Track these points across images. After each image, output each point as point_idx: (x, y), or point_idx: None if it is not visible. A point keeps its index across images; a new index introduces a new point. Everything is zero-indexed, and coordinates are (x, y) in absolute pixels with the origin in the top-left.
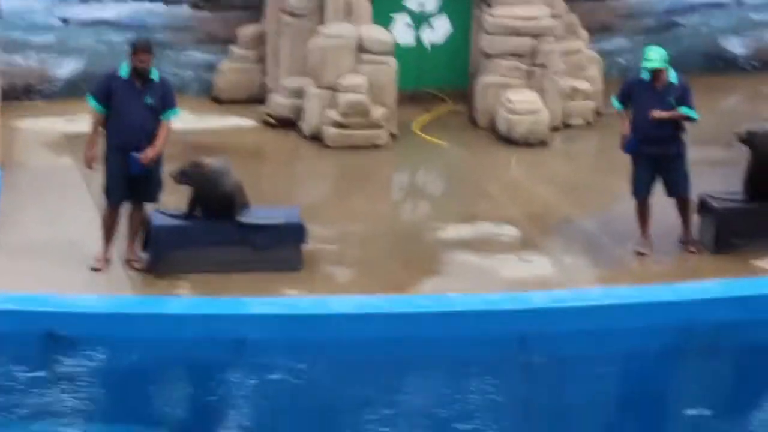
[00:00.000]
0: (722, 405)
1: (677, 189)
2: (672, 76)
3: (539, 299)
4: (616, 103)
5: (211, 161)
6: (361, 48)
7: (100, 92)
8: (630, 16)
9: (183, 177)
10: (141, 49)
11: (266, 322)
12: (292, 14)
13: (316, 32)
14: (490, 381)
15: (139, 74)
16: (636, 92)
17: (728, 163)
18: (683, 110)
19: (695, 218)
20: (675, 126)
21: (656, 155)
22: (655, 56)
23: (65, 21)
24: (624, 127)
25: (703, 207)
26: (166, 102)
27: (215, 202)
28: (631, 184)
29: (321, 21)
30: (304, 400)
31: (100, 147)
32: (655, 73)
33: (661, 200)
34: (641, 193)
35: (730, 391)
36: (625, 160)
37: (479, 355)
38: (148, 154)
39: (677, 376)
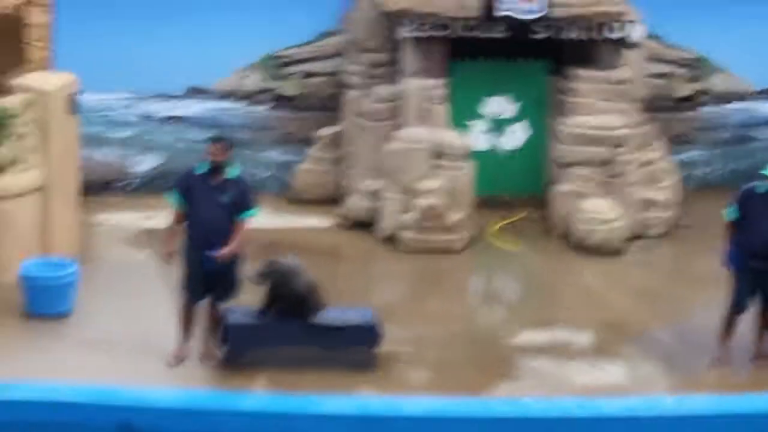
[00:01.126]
0: None
1: None
2: None
3: (610, 407)
4: (731, 210)
5: (284, 260)
6: (439, 153)
7: (179, 188)
8: (706, 128)
9: (260, 278)
10: (213, 140)
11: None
12: (370, 117)
13: (392, 136)
14: None
15: (214, 170)
16: (750, 205)
17: None
18: None
19: None
20: None
21: (761, 270)
22: None
23: (145, 117)
24: (726, 241)
25: None
26: (243, 201)
27: (288, 300)
28: (733, 298)
29: (397, 125)
30: None
31: (178, 242)
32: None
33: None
34: (743, 307)
35: None
36: (701, 271)
37: None
38: (222, 252)
39: None
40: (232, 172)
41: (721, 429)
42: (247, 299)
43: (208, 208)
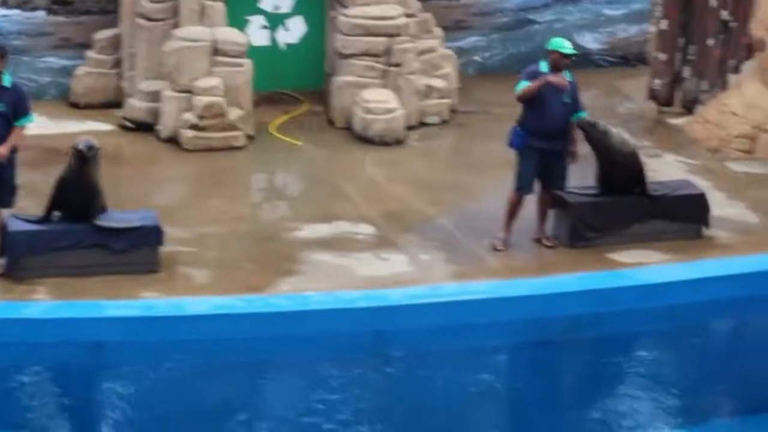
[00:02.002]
0: (577, 399)
1: (558, 184)
2: (567, 73)
3: (396, 296)
4: (523, 83)
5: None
6: (216, 50)
7: None
8: (484, 13)
9: (90, 150)
10: None
11: (123, 325)
12: (147, 18)
13: (170, 36)
14: (346, 378)
15: None
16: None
17: (584, 157)
18: (581, 115)
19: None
20: (567, 124)
21: (545, 150)
22: (569, 44)
23: None
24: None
25: (558, 202)
26: (19, 108)
27: (81, 192)
28: (517, 179)
29: (175, 24)
30: (163, 404)
31: None
32: (557, 65)
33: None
34: (527, 188)
35: (583, 384)
36: (482, 157)
37: (335, 353)
38: None
39: (532, 371)
40: (6, 79)
41: (501, 312)
42: (30, 207)
43: None
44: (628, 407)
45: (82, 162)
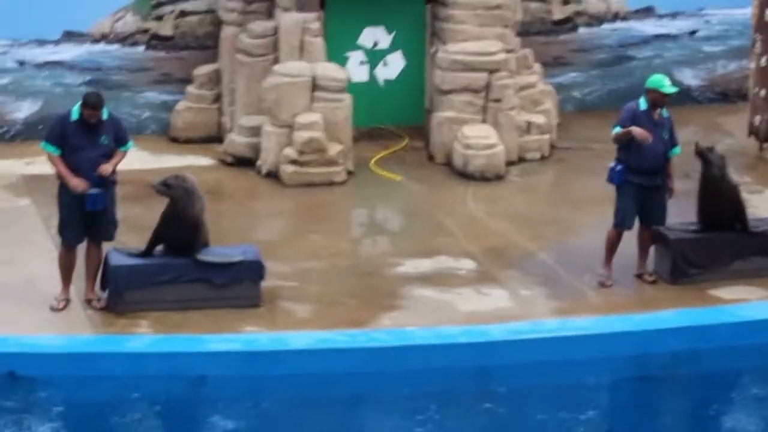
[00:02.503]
0: None
1: (658, 220)
2: (662, 108)
3: (497, 332)
4: (617, 129)
5: (190, 178)
6: (316, 86)
7: (54, 136)
8: (583, 50)
9: (163, 186)
10: (91, 105)
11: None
12: (247, 53)
13: (270, 71)
14: (451, 414)
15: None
16: (635, 123)
17: (685, 194)
18: (675, 150)
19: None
20: (666, 160)
21: (644, 186)
22: (670, 82)
23: (21, 63)
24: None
25: (659, 238)
26: (119, 138)
27: (181, 228)
28: (616, 215)
29: (275, 60)
30: None
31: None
32: (656, 103)
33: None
34: (627, 224)
35: (689, 420)
36: (581, 193)
37: (439, 388)
38: (104, 167)
39: (635, 406)
40: (104, 113)
41: (603, 348)
42: (129, 241)
43: (88, 150)
44: None
45: (172, 198)
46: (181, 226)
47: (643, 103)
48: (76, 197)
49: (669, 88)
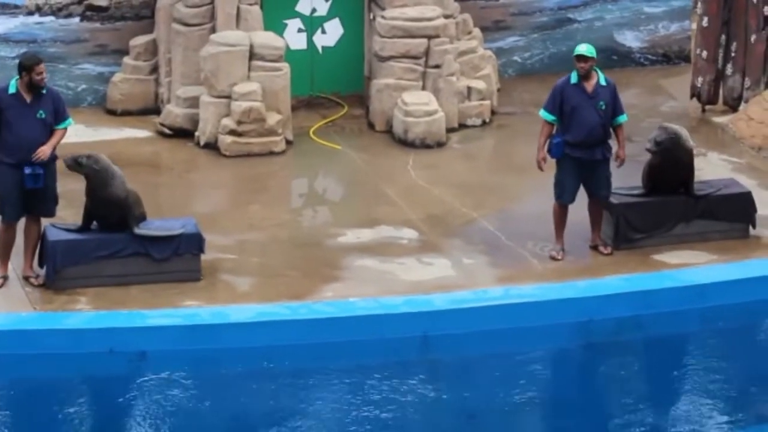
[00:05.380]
0: (624, 401)
1: (603, 193)
2: (601, 77)
3: (440, 301)
4: (546, 115)
5: (105, 158)
6: (254, 55)
7: None
8: (523, 13)
9: (76, 165)
10: (38, 62)
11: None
12: (183, 23)
13: (207, 40)
14: (396, 384)
15: (33, 88)
16: (566, 97)
17: (629, 157)
18: (620, 119)
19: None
20: (605, 131)
21: (583, 160)
22: (585, 48)
23: None
24: (541, 140)
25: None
26: (58, 113)
27: (106, 207)
28: (555, 188)
29: (212, 29)
30: (206, 414)
31: None
32: (585, 75)
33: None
34: (567, 197)
35: (634, 386)
36: (523, 159)
37: (383, 359)
38: (42, 150)
39: (580, 373)
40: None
41: (548, 315)
42: (69, 216)
43: (25, 125)
44: (673, 410)
45: (86, 177)
46: (104, 204)
47: (573, 77)
48: (15, 175)
49: (578, 49)
